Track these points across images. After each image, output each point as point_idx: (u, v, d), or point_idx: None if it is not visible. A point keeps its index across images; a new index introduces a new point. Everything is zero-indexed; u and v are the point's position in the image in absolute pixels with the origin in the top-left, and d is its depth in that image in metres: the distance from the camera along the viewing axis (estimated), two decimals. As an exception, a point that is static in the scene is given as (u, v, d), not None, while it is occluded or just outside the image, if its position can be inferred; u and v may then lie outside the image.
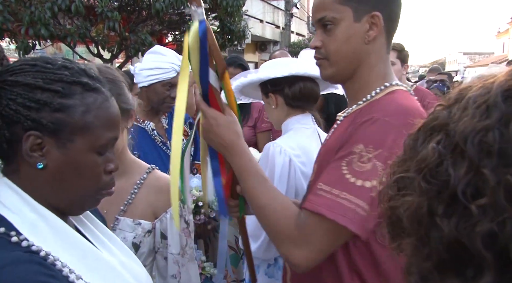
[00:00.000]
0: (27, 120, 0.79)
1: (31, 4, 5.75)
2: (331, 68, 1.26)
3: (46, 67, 0.83)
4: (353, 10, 1.19)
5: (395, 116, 1.12)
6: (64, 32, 6.20)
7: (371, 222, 1.08)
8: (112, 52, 7.10)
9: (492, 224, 0.44)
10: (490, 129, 0.47)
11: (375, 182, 1.07)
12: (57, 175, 0.84)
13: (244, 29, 8.56)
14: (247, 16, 11.61)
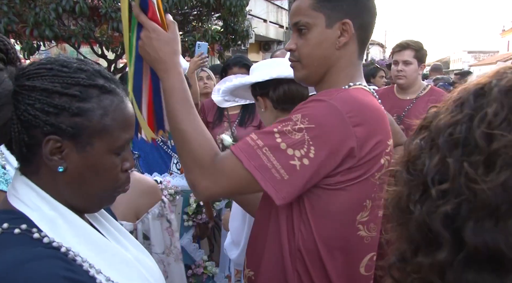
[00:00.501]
0: (46, 125, 0.81)
1: (35, 5, 5.77)
2: (303, 71, 1.33)
3: (62, 71, 0.83)
4: (326, 17, 1.26)
5: (341, 102, 1.16)
6: (68, 33, 6.22)
7: (286, 189, 1.12)
8: (116, 53, 7.11)
9: (450, 206, 0.50)
10: (459, 123, 0.53)
11: (298, 153, 1.12)
12: (76, 177, 0.86)
13: (248, 29, 8.56)
14: (251, 16, 11.62)
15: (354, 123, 1.14)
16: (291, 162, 1.12)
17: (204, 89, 3.84)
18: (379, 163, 1.22)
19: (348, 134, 1.14)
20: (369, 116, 1.20)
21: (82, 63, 0.87)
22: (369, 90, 1.31)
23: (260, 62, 2.00)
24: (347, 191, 1.20)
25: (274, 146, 1.13)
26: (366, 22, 1.31)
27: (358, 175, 1.19)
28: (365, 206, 1.24)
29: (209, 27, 7.93)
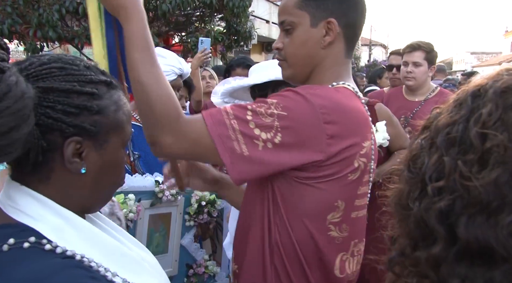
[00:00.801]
0: (69, 127, 0.78)
1: (39, 7, 5.80)
2: (289, 70, 1.33)
3: (74, 69, 0.82)
4: (311, 16, 1.25)
5: (317, 98, 1.15)
6: (71, 34, 6.25)
7: (243, 166, 1.12)
8: (120, 53, 7.13)
9: (445, 202, 0.52)
10: (456, 123, 0.55)
11: (264, 135, 1.11)
12: (96, 176, 0.84)
13: (250, 30, 8.58)
14: (253, 17, 11.63)
15: (326, 120, 1.13)
16: (255, 140, 1.11)
17: (207, 88, 3.85)
18: (352, 165, 1.20)
19: (318, 130, 1.13)
20: (344, 117, 1.17)
21: (82, 60, 0.86)
22: (353, 90, 1.30)
23: (258, 64, 2.02)
24: (317, 188, 1.19)
25: (243, 121, 1.12)
26: (353, 20, 1.29)
27: (328, 173, 1.17)
28: (337, 207, 1.22)
29: (212, 28, 7.96)
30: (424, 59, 3.08)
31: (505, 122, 0.51)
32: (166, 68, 2.24)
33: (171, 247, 2.10)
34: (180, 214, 2.15)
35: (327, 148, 1.14)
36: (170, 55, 2.34)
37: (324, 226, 1.22)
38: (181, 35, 8.76)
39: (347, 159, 1.18)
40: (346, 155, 1.17)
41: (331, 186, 1.19)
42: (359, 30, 1.32)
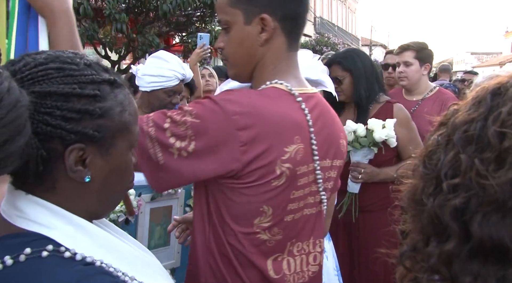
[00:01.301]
0: (70, 134, 0.72)
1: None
2: (232, 70, 1.30)
3: (73, 69, 0.75)
4: (243, 13, 1.20)
5: (232, 103, 1.12)
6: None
7: (159, 173, 1.12)
8: (120, 54, 7.15)
9: (460, 200, 0.52)
10: (474, 121, 0.55)
11: (178, 143, 1.10)
12: (102, 184, 0.79)
13: (251, 30, 8.57)
14: (254, 17, 11.63)
15: (239, 126, 1.10)
16: (170, 149, 1.11)
17: (206, 86, 3.84)
18: (274, 172, 1.14)
19: (231, 137, 1.10)
20: (260, 121, 1.12)
21: (82, 57, 0.79)
22: (286, 89, 1.22)
23: None
24: (242, 194, 1.16)
25: (161, 128, 1.12)
26: (291, 12, 1.22)
27: (249, 180, 1.14)
28: (263, 212, 1.18)
29: (213, 28, 7.95)
30: (414, 58, 3.09)
31: None
32: (169, 74, 2.24)
33: (173, 240, 2.10)
34: (181, 207, 2.17)
35: (242, 156, 1.11)
36: (172, 59, 2.32)
37: (251, 229, 1.19)
38: (182, 35, 8.77)
39: (267, 166, 1.13)
40: (264, 162, 1.13)
41: (255, 192, 1.16)
42: (300, 20, 1.26)
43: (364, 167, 2.34)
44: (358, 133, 2.28)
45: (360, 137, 2.28)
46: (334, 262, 2.11)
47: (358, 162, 2.35)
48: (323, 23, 28.08)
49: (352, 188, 2.38)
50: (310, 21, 24.96)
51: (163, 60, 2.29)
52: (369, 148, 2.30)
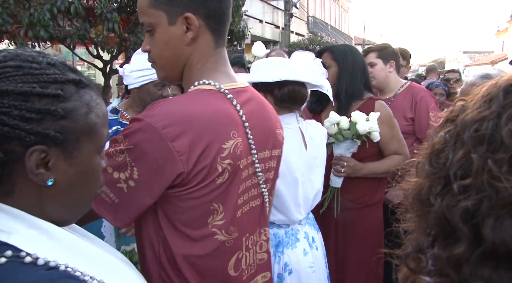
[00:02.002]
0: (29, 135, 0.69)
1: (30, 6, 5.74)
2: (161, 72, 1.29)
3: (34, 68, 0.72)
4: (166, 14, 1.18)
5: (158, 118, 1.10)
6: (63, 34, 6.19)
7: (121, 213, 1.12)
8: (112, 54, 7.09)
9: (471, 201, 0.50)
10: (486, 119, 0.52)
11: (123, 175, 1.10)
12: (67, 188, 0.76)
13: (244, 29, 8.56)
14: (247, 16, 11.61)
15: (171, 137, 1.09)
16: (117, 185, 1.10)
17: None
18: (216, 170, 1.15)
19: (168, 152, 1.09)
20: (191, 124, 1.12)
21: (46, 56, 0.76)
22: (216, 88, 1.21)
23: (264, 61, 2.07)
24: (190, 198, 1.16)
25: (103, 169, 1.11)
26: (214, 8, 1.21)
27: (194, 184, 1.14)
28: (215, 209, 1.19)
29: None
30: (376, 58, 3.20)
31: None
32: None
33: None
34: None
35: (184, 164, 1.10)
36: None
37: (208, 230, 1.19)
38: (174, 34, 8.71)
39: (208, 166, 1.14)
40: (205, 163, 1.13)
41: (201, 193, 1.16)
42: (224, 16, 1.25)
43: (347, 161, 2.33)
44: (342, 126, 2.28)
45: (343, 130, 2.27)
46: (323, 251, 2.16)
47: (341, 155, 2.34)
48: (316, 22, 28.10)
49: (335, 182, 2.37)
50: (303, 20, 24.98)
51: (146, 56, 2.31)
52: (352, 141, 2.30)
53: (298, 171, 1.96)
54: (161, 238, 1.20)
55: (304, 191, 2.00)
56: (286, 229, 2.02)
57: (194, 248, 1.19)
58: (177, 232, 1.18)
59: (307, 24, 25.93)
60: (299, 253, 1.98)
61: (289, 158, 1.89)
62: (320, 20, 29.78)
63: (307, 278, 1.97)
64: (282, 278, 1.96)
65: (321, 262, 2.08)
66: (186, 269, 1.19)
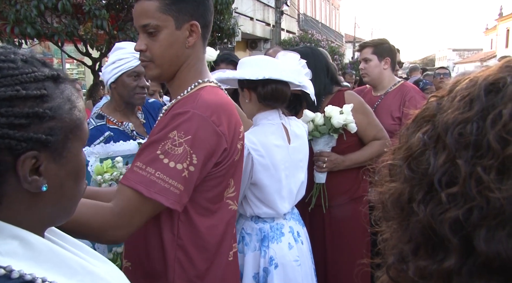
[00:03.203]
0: (20, 143, 0.64)
1: (16, 2, 5.65)
2: (156, 70, 1.41)
3: (12, 68, 0.66)
4: (174, 19, 1.35)
5: (203, 109, 1.31)
6: (51, 31, 6.11)
7: (184, 197, 1.28)
8: (101, 51, 7.02)
9: (460, 211, 0.47)
10: (469, 121, 0.49)
11: (185, 164, 1.26)
12: (58, 191, 0.73)
13: (234, 26, 8.52)
14: (237, 14, 11.57)
15: (218, 124, 1.32)
16: (182, 174, 1.25)
17: None
18: (236, 149, 1.43)
19: (219, 136, 1.32)
20: (224, 112, 1.36)
21: (16, 52, 0.71)
22: (216, 84, 1.47)
23: (251, 58, 2.14)
24: (218, 176, 1.39)
25: (164, 167, 1.24)
26: (208, 21, 1.43)
27: (225, 162, 1.38)
28: (229, 184, 1.45)
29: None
30: (372, 54, 3.15)
31: None
32: (126, 55, 2.27)
33: None
34: None
35: (227, 142, 1.36)
36: (128, 45, 2.35)
37: (224, 203, 1.44)
38: (164, 32, 8.65)
39: (234, 146, 1.41)
40: (233, 143, 1.40)
41: (226, 170, 1.40)
42: (210, 27, 1.47)
43: (327, 155, 2.35)
44: (317, 122, 2.30)
45: (319, 126, 2.29)
46: (309, 246, 2.20)
47: (321, 151, 2.36)
48: (307, 20, 28.12)
49: (319, 178, 2.38)
50: (293, 18, 24.97)
51: (119, 48, 2.35)
52: (329, 135, 2.32)
53: (281, 165, 2.00)
54: (181, 220, 1.37)
55: (288, 184, 2.05)
56: (271, 224, 2.06)
57: (214, 219, 1.41)
58: (200, 209, 1.38)
59: (298, 22, 25.92)
60: (284, 247, 2.02)
61: (272, 152, 1.96)
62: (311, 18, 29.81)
63: (293, 272, 2.01)
64: (268, 271, 2.00)
65: (306, 256, 2.12)
66: (207, 240, 1.40)
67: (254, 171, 1.96)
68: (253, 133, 2.01)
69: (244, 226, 2.10)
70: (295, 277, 2.01)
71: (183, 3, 1.35)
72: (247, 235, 2.08)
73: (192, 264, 1.39)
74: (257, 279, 2.02)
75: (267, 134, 2.00)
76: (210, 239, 1.41)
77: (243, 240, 2.09)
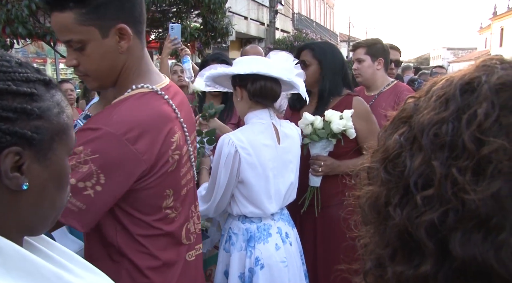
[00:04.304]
0: (5, 136, 0.64)
1: (7, 2, 5.61)
2: (95, 82, 1.32)
3: (5, 66, 0.68)
4: (98, 28, 1.20)
5: (116, 126, 1.18)
6: (43, 31, 6.06)
7: (87, 218, 1.19)
8: (94, 51, 6.98)
9: (435, 214, 0.45)
10: (444, 122, 0.48)
11: (89, 183, 1.16)
12: (39, 194, 0.71)
13: (228, 26, 8.50)
14: (232, 13, 11.55)
15: (133, 142, 1.18)
16: (84, 192, 1.16)
17: (179, 82, 3.85)
18: (168, 162, 1.30)
19: (133, 155, 1.19)
20: (146, 127, 1.22)
21: (12, 56, 0.73)
22: (151, 89, 1.31)
23: (244, 57, 2.17)
24: (148, 188, 1.28)
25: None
26: (138, 16, 1.28)
27: (151, 175, 1.27)
28: (167, 195, 1.35)
29: (188, 24, 7.85)
30: (365, 54, 3.12)
31: (503, 126, 0.44)
32: None
33: None
34: None
35: (147, 162, 1.23)
36: None
37: (162, 213, 1.35)
38: (158, 31, 8.63)
39: (164, 160, 1.29)
40: (161, 158, 1.27)
41: (158, 183, 1.30)
42: (144, 17, 1.33)
43: (324, 160, 2.33)
44: (316, 126, 2.28)
45: (318, 130, 2.28)
46: (298, 247, 2.19)
47: (318, 155, 2.35)
48: (301, 19, 28.14)
49: (313, 182, 2.37)
50: (288, 17, 24.99)
51: None
52: (327, 140, 2.30)
53: (269, 164, 2.00)
54: (118, 230, 1.31)
55: (276, 184, 2.04)
56: (258, 224, 2.05)
57: (154, 230, 1.33)
58: (134, 219, 1.30)
59: (292, 21, 25.94)
60: (271, 247, 2.01)
61: (260, 151, 1.96)
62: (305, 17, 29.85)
63: (279, 273, 2.00)
64: (254, 272, 1.99)
65: (295, 257, 2.11)
66: (149, 246, 1.33)
67: (241, 169, 1.96)
68: (242, 131, 2.02)
69: (231, 226, 2.09)
70: (281, 278, 1.99)
71: (103, 9, 1.20)
72: (233, 234, 2.07)
73: (141, 273, 1.34)
74: (242, 279, 2.01)
75: (255, 133, 2.00)
76: (153, 249, 1.34)
77: (230, 240, 2.09)
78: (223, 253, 2.14)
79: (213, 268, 2.48)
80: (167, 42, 3.32)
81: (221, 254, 2.15)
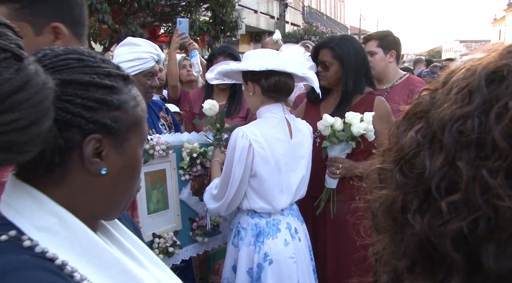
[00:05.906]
0: (89, 123, 0.72)
1: None
2: None
3: (91, 61, 0.76)
4: (31, 25, 1.17)
5: None
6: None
7: None
8: (104, 45, 7.01)
9: (463, 223, 0.40)
10: (469, 117, 0.42)
11: None
12: (115, 180, 0.78)
13: (237, 19, 8.46)
14: (241, 7, 11.51)
15: None
16: None
17: (188, 76, 3.84)
18: None
19: None
20: None
21: (97, 53, 0.80)
22: None
23: (255, 51, 2.15)
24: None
25: None
26: (77, 16, 1.25)
27: None
28: None
29: (197, 18, 7.83)
30: (377, 47, 3.09)
31: None
32: (145, 55, 2.25)
33: (171, 203, 2.25)
34: (174, 170, 2.28)
35: None
36: (143, 42, 2.32)
37: None
38: (167, 25, 8.62)
39: None
40: None
41: None
42: (85, 20, 1.30)
43: (342, 162, 2.28)
44: (336, 128, 2.22)
45: (337, 132, 2.22)
46: (307, 243, 2.18)
47: (336, 157, 2.29)
48: (312, 12, 27.96)
49: (330, 184, 2.34)
50: (298, 10, 24.84)
51: (135, 45, 2.30)
52: (347, 142, 2.24)
53: (282, 159, 1.99)
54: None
55: (287, 179, 2.02)
56: (268, 219, 2.04)
57: None
58: None
59: (302, 14, 25.78)
60: (280, 243, 2.00)
61: (274, 145, 1.95)
62: (315, 10, 29.65)
63: (287, 268, 1.99)
64: (262, 267, 1.98)
65: (304, 253, 2.09)
66: None
67: (254, 163, 1.95)
68: (256, 125, 2.01)
69: (240, 220, 2.08)
70: (290, 273, 1.99)
71: (37, 5, 1.17)
72: (242, 229, 2.06)
73: None
74: (251, 274, 2.01)
75: (269, 127, 1.99)
76: None
77: (239, 234, 2.08)
78: (232, 247, 2.13)
79: (221, 263, 2.49)
80: (175, 37, 3.33)
81: (230, 249, 2.14)
